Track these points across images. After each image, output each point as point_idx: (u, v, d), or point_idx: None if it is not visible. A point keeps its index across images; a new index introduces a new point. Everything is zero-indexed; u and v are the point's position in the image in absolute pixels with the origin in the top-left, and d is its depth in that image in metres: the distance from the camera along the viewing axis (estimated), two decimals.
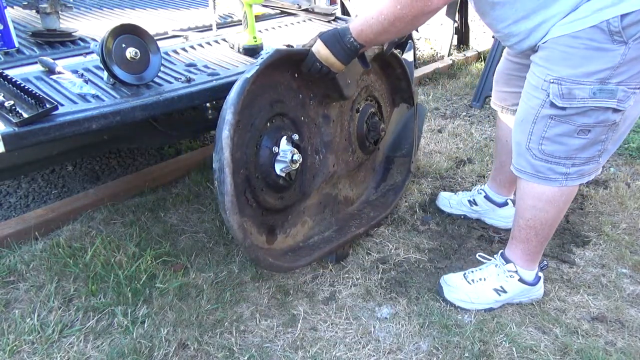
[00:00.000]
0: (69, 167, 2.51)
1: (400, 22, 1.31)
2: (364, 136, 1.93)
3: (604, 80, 1.24)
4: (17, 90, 1.28)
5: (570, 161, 1.39)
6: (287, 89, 1.54)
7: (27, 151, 1.65)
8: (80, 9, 2.20)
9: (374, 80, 1.98)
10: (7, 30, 1.57)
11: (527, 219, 1.52)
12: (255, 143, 1.43)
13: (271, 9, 2.39)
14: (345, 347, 1.47)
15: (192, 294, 1.64)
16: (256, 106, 1.42)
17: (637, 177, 2.43)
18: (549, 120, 1.35)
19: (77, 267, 1.72)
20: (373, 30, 1.36)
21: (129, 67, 1.42)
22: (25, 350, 1.43)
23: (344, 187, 1.96)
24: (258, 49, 1.80)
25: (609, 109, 1.28)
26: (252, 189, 1.46)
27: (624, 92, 1.25)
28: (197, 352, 1.44)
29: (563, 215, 1.54)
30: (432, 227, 2.05)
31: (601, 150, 1.38)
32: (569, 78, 1.27)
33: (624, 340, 1.51)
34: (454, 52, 4.43)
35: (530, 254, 1.58)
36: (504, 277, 1.60)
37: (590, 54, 1.23)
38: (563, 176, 1.41)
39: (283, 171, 1.47)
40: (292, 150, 1.46)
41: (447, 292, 1.64)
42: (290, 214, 1.65)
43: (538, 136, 1.38)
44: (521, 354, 1.45)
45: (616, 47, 1.20)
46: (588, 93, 1.26)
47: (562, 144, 1.36)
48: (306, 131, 1.64)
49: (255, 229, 1.50)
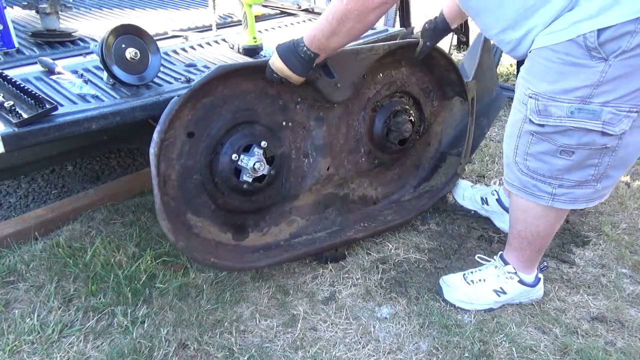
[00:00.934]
0: (69, 167, 2.50)
1: (348, 20, 1.27)
2: (383, 137, 1.85)
3: (584, 99, 1.16)
4: (16, 90, 1.28)
5: (556, 181, 1.33)
6: (260, 96, 1.54)
7: (27, 151, 1.65)
8: (80, 9, 2.20)
9: (407, 75, 1.89)
10: (6, 31, 1.58)
11: (519, 230, 1.51)
12: (211, 151, 1.47)
13: (271, 9, 2.39)
14: (345, 347, 1.47)
15: (192, 294, 1.64)
16: (214, 117, 1.46)
17: (637, 177, 2.43)
18: (530, 137, 1.31)
19: (77, 267, 1.72)
20: (324, 33, 1.32)
21: (129, 68, 1.42)
22: (25, 350, 1.43)
23: (360, 187, 1.93)
24: (258, 49, 1.80)
25: (594, 132, 1.20)
26: (209, 193, 1.51)
27: (612, 115, 1.16)
28: (197, 352, 1.44)
29: (557, 228, 1.51)
30: (432, 227, 2.05)
31: (595, 175, 1.30)
32: (546, 94, 1.21)
33: (624, 340, 1.51)
34: (454, 52, 4.43)
35: (525, 261, 1.57)
36: (504, 278, 1.60)
37: (567, 70, 1.16)
38: (549, 195, 1.36)
39: (247, 177, 1.51)
40: (255, 158, 1.49)
41: (447, 293, 1.64)
42: (268, 214, 1.68)
43: (522, 151, 1.35)
44: (521, 354, 1.45)
45: (594, 64, 1.12)
46: (565, 112, 1.19)
47: (545, 162, 1.31)
48: (289, 135, 1.64)
49: (215, 227, 1.56)
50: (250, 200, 1.60)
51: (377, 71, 1.78)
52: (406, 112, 1.87)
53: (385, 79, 1.83)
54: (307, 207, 1.78)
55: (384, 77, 1.82)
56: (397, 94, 1.88)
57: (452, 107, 2.12)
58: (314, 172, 1.73)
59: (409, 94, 1.92)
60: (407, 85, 1.90)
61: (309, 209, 1.79)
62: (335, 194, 1.85)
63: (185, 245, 1.42)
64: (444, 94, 2.04)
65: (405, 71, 1.88)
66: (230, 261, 1.56)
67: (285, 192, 1.68)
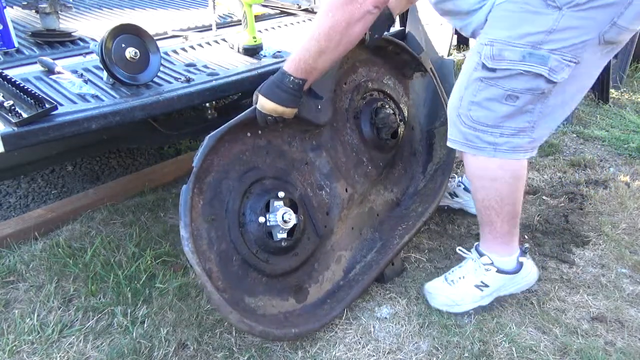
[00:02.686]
0: (69, 167, 2.50)
1: (335, 33, 1.27)
2: (376, 138, 1.84)
3: (535, 44, 1.24)
4: (16, 90, 1.28)
5: (497, 130, 1.37)
6: (256, 150, 1.52)
7: (27, 151, 1.65)
8: (80, 9, 2.20)
9: (367, 73, 1.90)
10: (6, 30, 1.58)
11: (482, 200, 1.50)
12: (237, 225, 1.42)
13: (271, 9, 2.39)
14: (345, 347, 1.47)
15: (191, 294, 1.64)
16: (223, 191, 1.42)
17: (637, 177, 2.43)
18: (479, 83, 1.35)
19: (77, 267, 1.72)
20: (311, 53, 1.31)
21: (129, 67, 1.42)
22: (24, 350, 1.43)
23: (378, 195, 1.90)
24: (258, 49, 1.80)
25: (540, 76, 1.27)
26: (255, 267, 1.44)
27: (557, 62, 1.24)
28: (196, 352, 1.44)
29: (520, 192, 1.49)
30: (432, 227, 2.05)
31: (531, 122, 1.36)
32: (502, 40, 1.27)
33: (624, 340, 1.51)
34: (454, 52, 4.43)
35: (499, 236, 1.54)
36: (482, 271, 1.56)
37: (525, 17, 1.23)
38: (491, 146, 1.39)
39: (281, 233, 1.45)
40: (280, 211, 1.44)
41: (431, 300, 1.61)
42: (315, 262, 1.62)
43: (468, 101, 1.38)
44: (521, 354, 1.45)
45: (549, 12, 1.20)
46: (518, 56, 1.26)
47: (490, 109, 1.35)
48: (297, 176, 1.61)
49: (276, 299, 1.48)
50: (295, 256, 1.53)
51: (341, 81, 1.79)
52: (384, 106, 1.87)
53: (351, 85, 1.83)
54: (345, 237, 1.73)
55: (348, 84, 1.82)
56: (367, 94, 1.88)
57: (413, 86, 2.12)
58: (336, 199, 1.69)
59: (377, 89, 1.92)
60: (372, 83, 1.90)
61: (347, 238, 1.74)
62: (362, 212, 1.81)
63: (263, 329, 1.33)
64: (404, 75, 2.06)
65: (362, 71, 1.89)
66: (305, 325, 1.45)
67: (320, 232, 1.61)
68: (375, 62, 1.94)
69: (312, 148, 1.68)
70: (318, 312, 1.53)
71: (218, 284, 1.35)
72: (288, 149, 1.62)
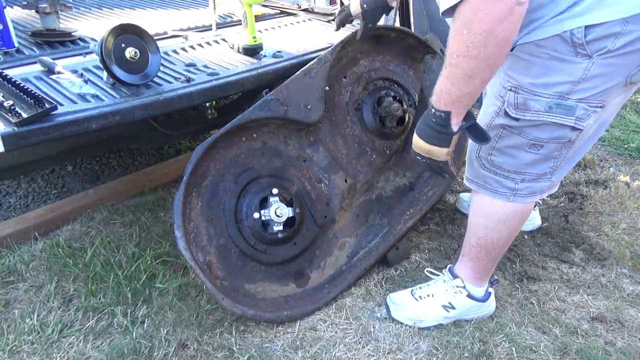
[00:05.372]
0: (69, 167, 2.50)
1: (486, 33, 1.01)
2: (380, 128, 1.83)
3: (562, 95, 1.17)
4: (16, 90, 1.28)
5: (519, 176, 1.33)
6: (251, 152, 1.60)
7: (27, 151, 1.65)
8: (80, 9, 2.20)
9: (368, 63, 1.88)
10: (6, 30, 1.58)
11: (479, 237, 1.47)
12: (234, 222, 1.54)
13: (271, 9, 2.39)
14: (345, 347, 1.47)
15: (191, 294, 1.64)
16: (220, 193, 1.54)
17: (637, 177, 2.43)
18: (501, 130, 1.29)
19: (77, 267, 1.72)
20: (457, 72, 1.10)
21: (129, 67, 1.42)
22: (24, 351, 1.43)
23: (388, 181, 1.92)
24: (258, 48, 1.80)
25: (567, 127, 1.21)
26: (253, 257, 1.56)
27: (584, 110, 1.18)
28: (196, 352, 1.44)
29: (516, 235, 1.48)
30: (432, 227, 2.05)
31: (553, 167, 1.32)
32: (527, 88, 1.20)
33: (624, 340, 1.51)
34: None
35: (479, 272, 1.52)
36: (452, 292, 1.54)
37: (552, 65, 1.16)
38: (511, 191, 1.35)
39: (277, 226, 1.55)
40: (274, 206, 1.55)
41: (394, 311, 1.58)
42: (317, 249, 1.70)
43: (489, 146, 1.33)
44: (521, 354, 1.45)
45: (579, 60, 1.12)
46: (544, 106, 1.19)
47: (513, 157, 1.30)
48: (295, 173, 1.67)
49: (275, 285, 1.60)
50: (293, 246, 1.62)
51: (340, 75, 1.78)
52: (388, 95, 1.84)
53: (352, 78, 1.82)
54: (349, 224, 1.78)
55: (349, 77, 1.82)
56: (370, 84, 1.87)
57: (429, 65, 2.07)
58: (335, 190, 1.73)
59: (382, 78, 1.90)
60: (376, 72, 1.88)
61: (352, 225, 1.79)
62: (368, 199, 1.84)
63: (255, 312, 1.47)
64: (414, 59, 2.02)
65: (365, 62, 1.87)
66: (303, 307, 1.58)
67: (320, 222, 1.68)
68: (379, 50, 1.92)
69: (310, 144, 1.71)
70: (317, 295, 1.64)
71: (218, 274, 1.50)
72: (284, 147, 1.67)
